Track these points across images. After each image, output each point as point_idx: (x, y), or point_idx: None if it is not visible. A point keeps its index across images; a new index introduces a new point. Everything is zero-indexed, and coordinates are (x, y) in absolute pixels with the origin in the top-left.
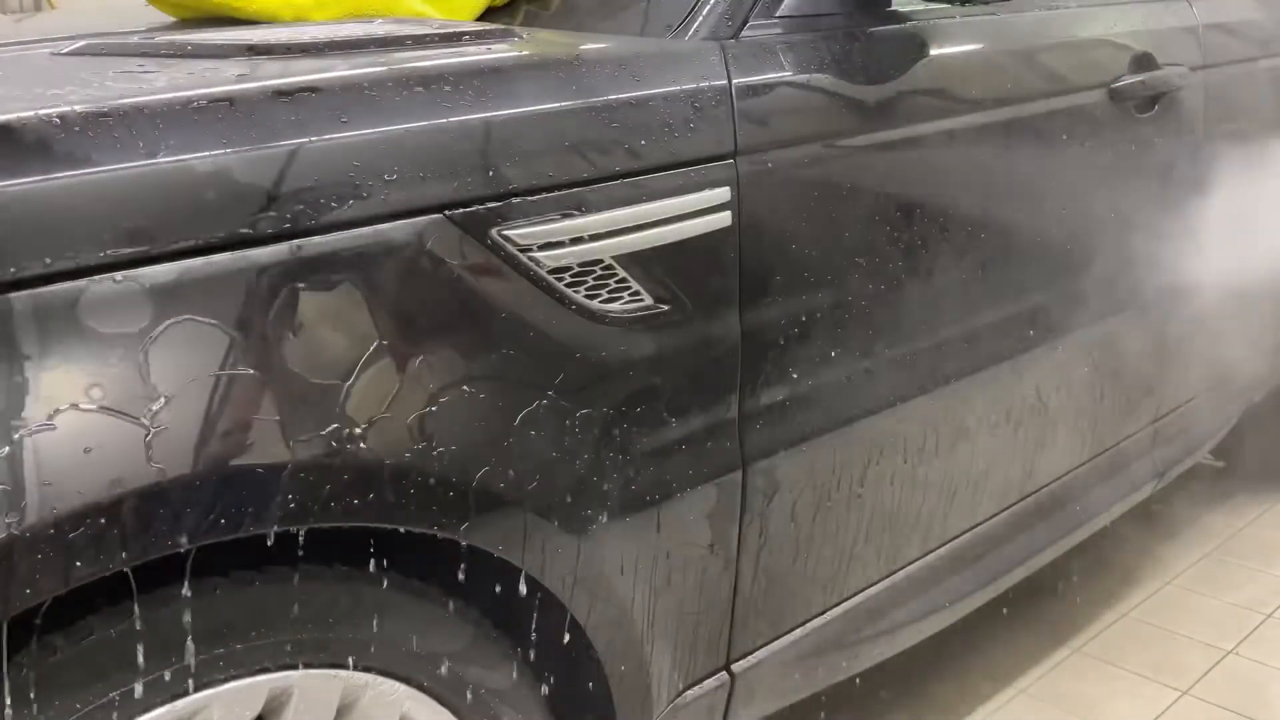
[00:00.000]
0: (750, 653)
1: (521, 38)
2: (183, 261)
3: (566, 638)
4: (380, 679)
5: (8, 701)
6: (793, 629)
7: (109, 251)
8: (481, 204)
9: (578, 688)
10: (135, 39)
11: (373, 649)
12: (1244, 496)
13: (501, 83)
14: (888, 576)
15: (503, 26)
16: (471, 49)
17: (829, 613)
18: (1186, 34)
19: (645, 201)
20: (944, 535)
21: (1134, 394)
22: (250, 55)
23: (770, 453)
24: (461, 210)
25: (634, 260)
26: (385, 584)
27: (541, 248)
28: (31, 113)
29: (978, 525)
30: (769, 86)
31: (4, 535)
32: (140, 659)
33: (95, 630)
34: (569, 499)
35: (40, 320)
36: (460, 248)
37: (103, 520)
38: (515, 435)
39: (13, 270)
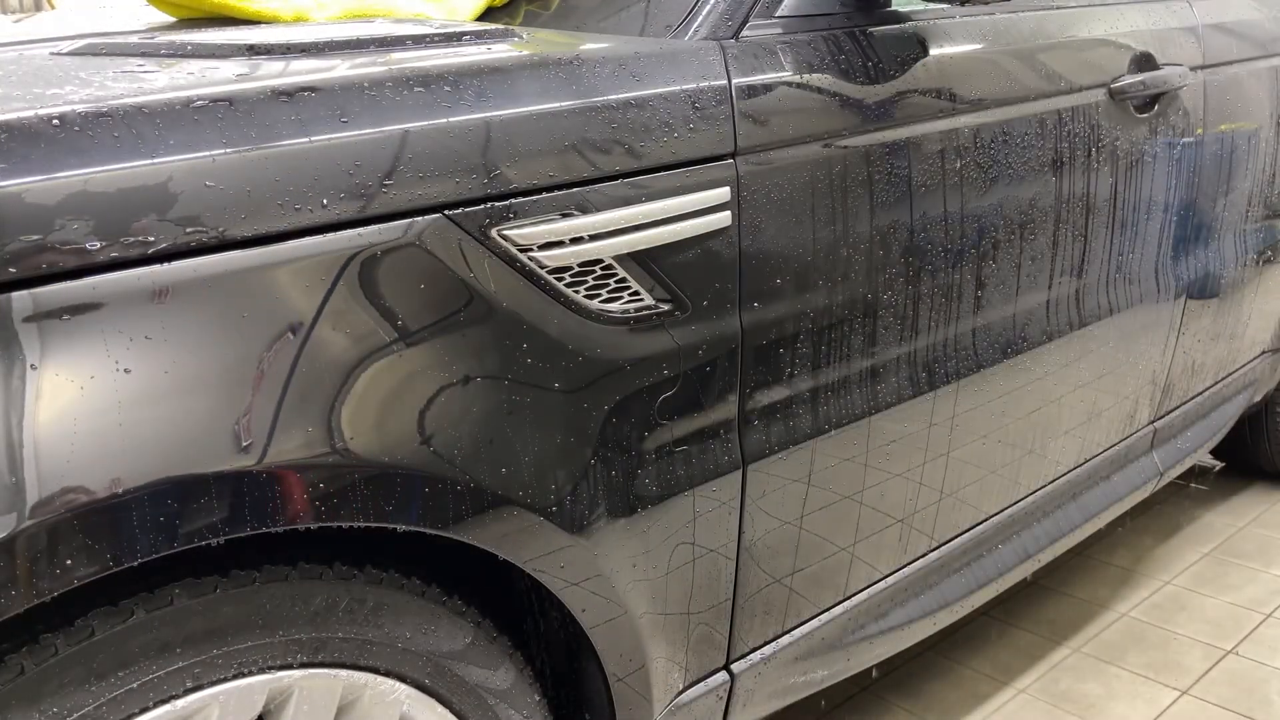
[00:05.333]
0: (750, 653)
1: (521, 38)
2: (179, 263)
3: (566, 638)
4: (380, 679)
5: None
6: (793, 629)
7: (98, 253)
8: (481, 204)
9: (577, 687)
10: (135, 39)
11: (373, 648)
12: (1243, 496)
13: (501, 82)
14: (888, 576)
15: (503, 26)
16: (471, 49)
17: (829, 612)
18: (1186, 34)
19: (645, 201)
20: (944, 535)
21: (1134, 394)
22: (250, 55)
23: (770, 452)
24: (461, 210)
25: (634, 260)
26: (384, 584)
27: (542, 247)
28: (31, 112)
29: (978, 525)
30: (769, 86)
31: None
32: (140, 659)
33: (95, 630)
34: (569, 499)
35: (36, 320)
36: (460, 247)
37: (103, 519)
38: (515, 435)
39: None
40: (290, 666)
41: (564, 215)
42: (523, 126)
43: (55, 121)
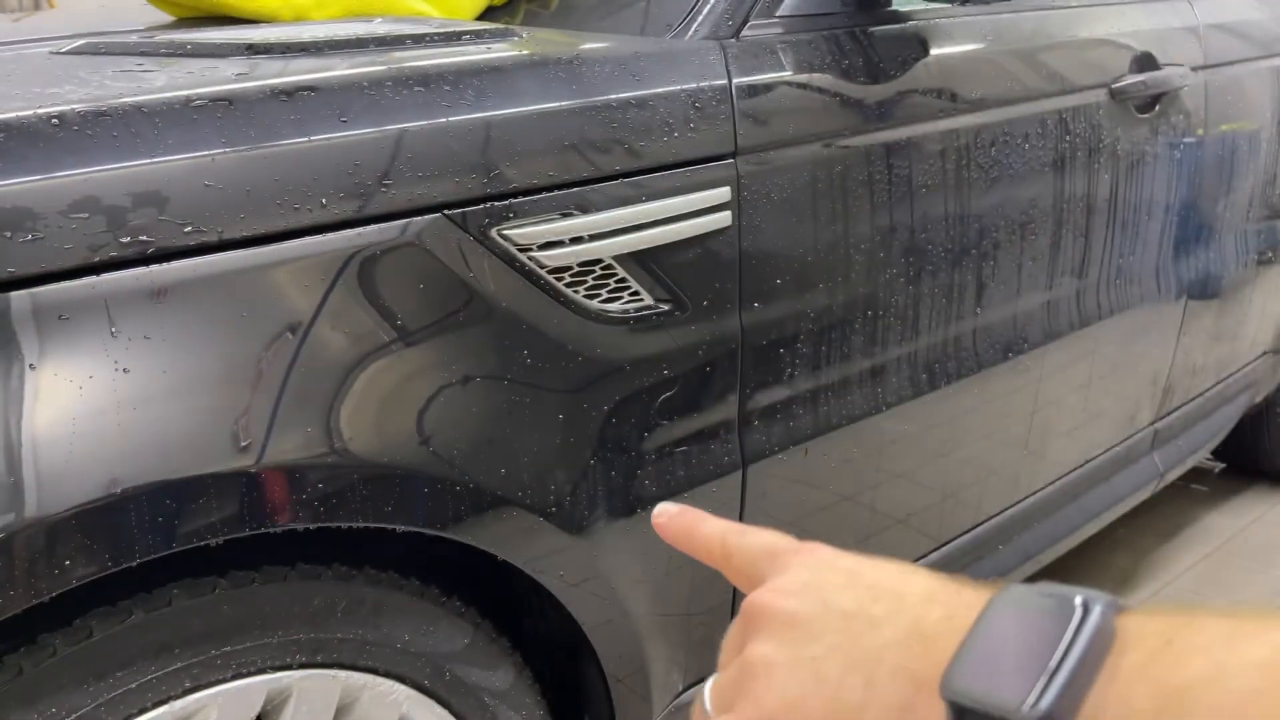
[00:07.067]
0: None
1: (521, 37)
2: (177, 262)
3: (566, 638)
4: (379, 679)
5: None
6: None
7: (97, 252)
8: (481, 204)
9: (577, 688)
10: (134, 38)
11: (371, 649)
12: (1244, 497)
13: (501, 82)
14: None
15: (502, 26)
16: (471, 48)
17: None
18: (1188, 33)
19: (645, 201)
20: (944, 536)
21: (1135, 394)
22: (249, 54)
23: (770, 453)
24: (461, 210)
25: (634, 260)
26: (383, 584)
27: (541, 247)
28: (30, 111)
29: (978, 526)
30: (769, 86)
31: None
32: (138, 659)
33: (94, 630)
34: (568, 499)
35: (34, 320)
36: (460, 247)
37: (102, 519)
38: (515, 435)
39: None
40: (289, 667)
41: (564, 215)
42: (522, 126)
43: (54, 121)
